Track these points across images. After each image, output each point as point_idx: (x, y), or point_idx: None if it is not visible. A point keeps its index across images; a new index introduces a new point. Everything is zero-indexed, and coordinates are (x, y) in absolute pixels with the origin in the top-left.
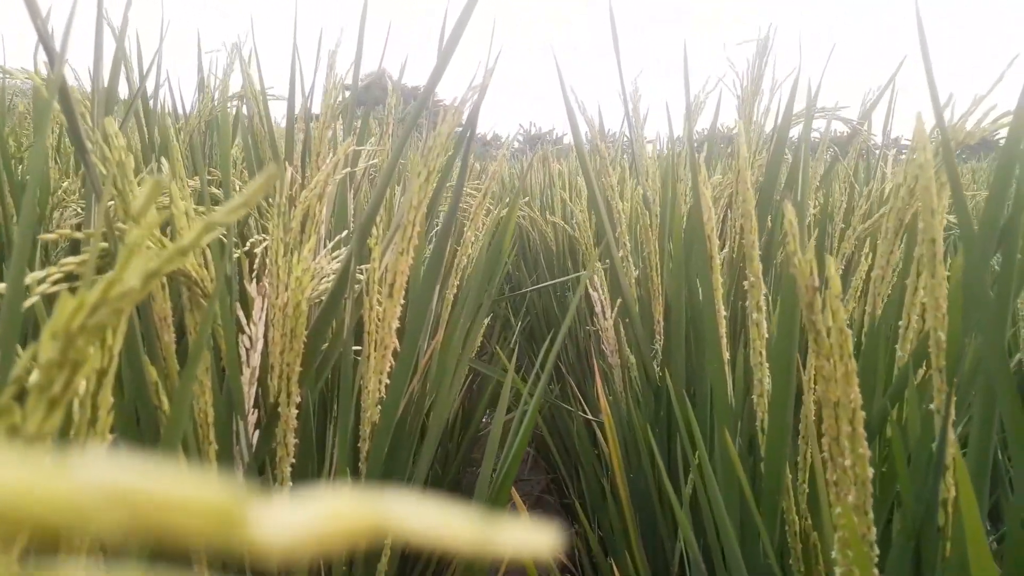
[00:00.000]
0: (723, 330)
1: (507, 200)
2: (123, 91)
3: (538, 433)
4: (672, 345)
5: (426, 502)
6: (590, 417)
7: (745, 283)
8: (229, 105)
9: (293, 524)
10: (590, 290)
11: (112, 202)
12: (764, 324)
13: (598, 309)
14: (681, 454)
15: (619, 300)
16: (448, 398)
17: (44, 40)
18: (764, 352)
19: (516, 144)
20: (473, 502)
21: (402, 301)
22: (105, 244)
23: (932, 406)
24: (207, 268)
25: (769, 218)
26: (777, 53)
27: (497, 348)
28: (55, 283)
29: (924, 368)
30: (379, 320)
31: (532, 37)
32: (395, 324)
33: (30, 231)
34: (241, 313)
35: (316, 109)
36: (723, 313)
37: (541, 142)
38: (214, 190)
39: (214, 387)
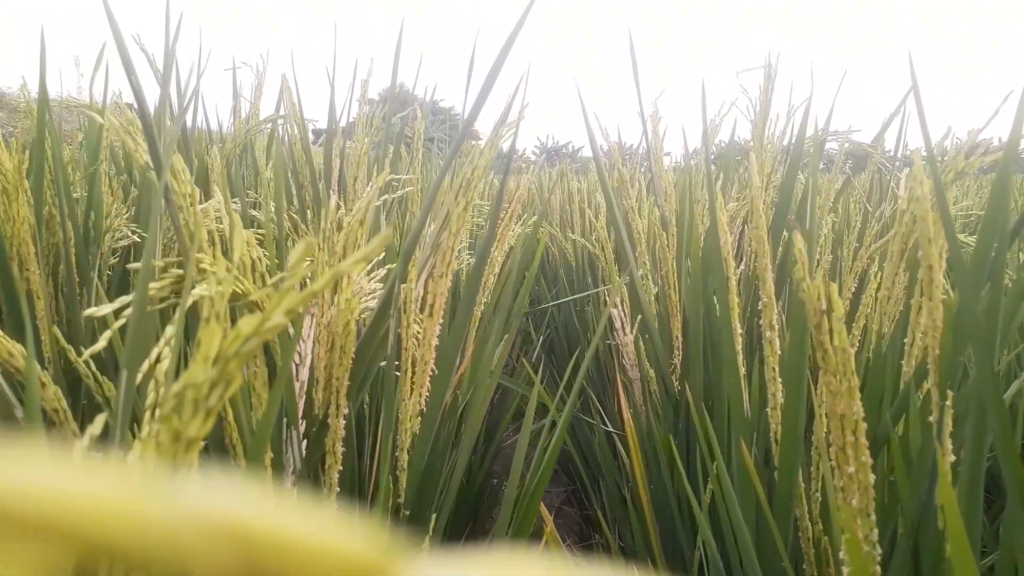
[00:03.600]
0: (739, 347)
1: (529, 216)
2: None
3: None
4: (691, 359)
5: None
6: (611, 430)
7: (759, 304)
8: (262, 127)
9: None
10: (610, 307)
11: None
12: (777, 342)
13: (618, 325)
14: (700, 464)
15: (639, 316)
16: (480, 411)
17: (140, 100)
18: (777, 368)
19: (533, 156)
20: (500, 515)
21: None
22: (180, 272)
23: (932, 418)
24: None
25: (784, 234)
26: (791, 78)
27: (523, 360)
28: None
29: (927, 385)
30: (419, 338)
31: (551, 49)
32: (435, 341)
33: (148, 261)
34: (291, 328)
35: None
36: (739, 331)
37: (559, 155)
38: (253, 212)
39: (270, 399)
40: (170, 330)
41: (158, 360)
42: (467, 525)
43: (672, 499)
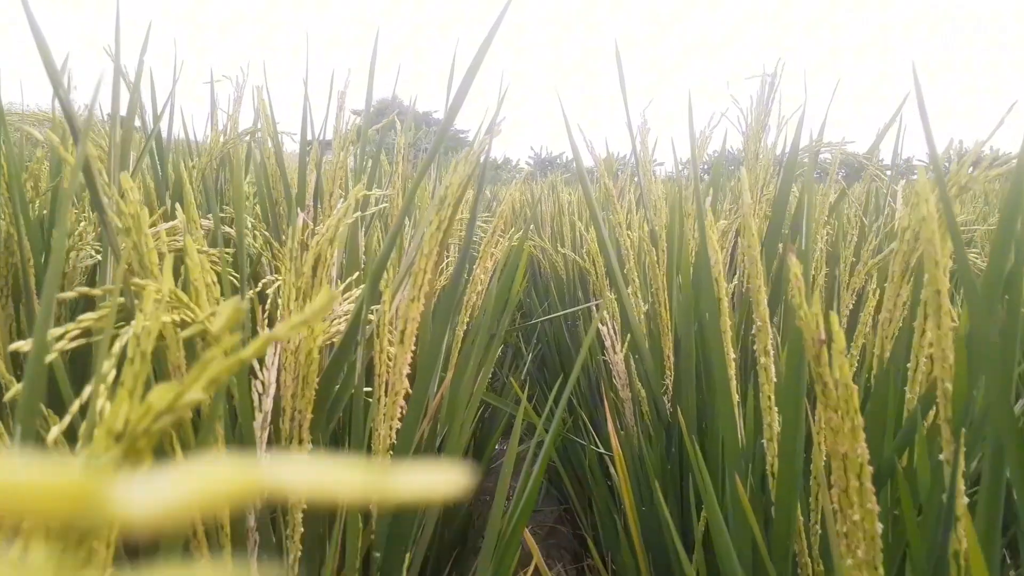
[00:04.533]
0: (732, 372)
1: (517, 228)
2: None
3: (550, 464)
4: (682, 381)
5: (311, 461)
6: (602, 451)
7: (753, 327)
8: (240, 140)
9: (159, 495)
10: (600, 324)
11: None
12: (772, 368)
13: (608, 343)
14: (694, 488)
15: (629, 334)
16: (459, 441)
17: (69, 115)
18: (773, 397)
19: (526, 167)
20: (484, 545)
21: (413, 347)
22: (122, 300)
23: (942, 456)
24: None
25: (780, 249)
26: (783, 87)
27: (510, 379)
28: (73, 339)
29: (933, 413)
30: (390, 364)
31: (544, 59)
32: (406, 369)
33: (55, 288)
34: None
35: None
36: (732, 356)
37: (552, 165)
38: (227, 229)
39: (227, 433)
40: (106, 366)
41: (90, 399)
42: (454, 549)
43: (664, 526)
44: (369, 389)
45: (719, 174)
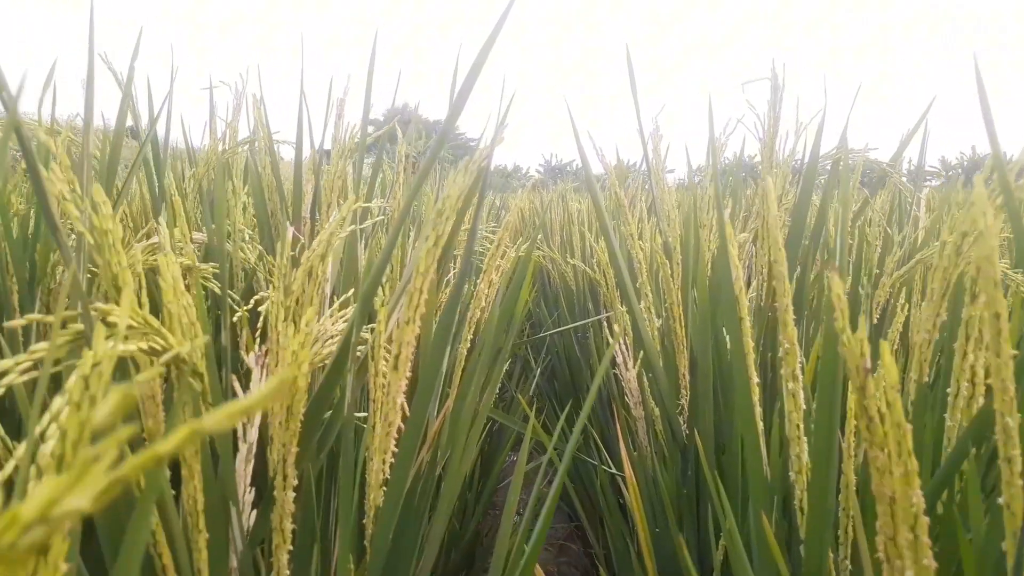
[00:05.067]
0: (756, 397)
1: (526, 238)
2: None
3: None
4: (699, 401)
5: None
6: (614, 472)
7: (780, 350)
8: (240, 149)
9: None
10: (610, 340)
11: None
12: (801, 395)
13: (619, 360)
14: (712, 515)
15: (642, 351)
16: (460, 469)
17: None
18: (801, 426)
19: (537, 174)
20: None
21: (408, 373)
22: (81, 327)
23: (1001, 500)
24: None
25: (800, 253)
26: (800, 93)
27: (518, 395)
28: (25, 371)
29: (981, 446)
30: (384, 392)
31: (544, 59)
32: (400, 398)
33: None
34: (238, 384)
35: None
36: (755, 380)
37: (562, 173)
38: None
39: (204, 469)
40: (57, 403)
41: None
42: (460, 573)
43: (680, 554)
44: (366, 414)
45: (737, 183)
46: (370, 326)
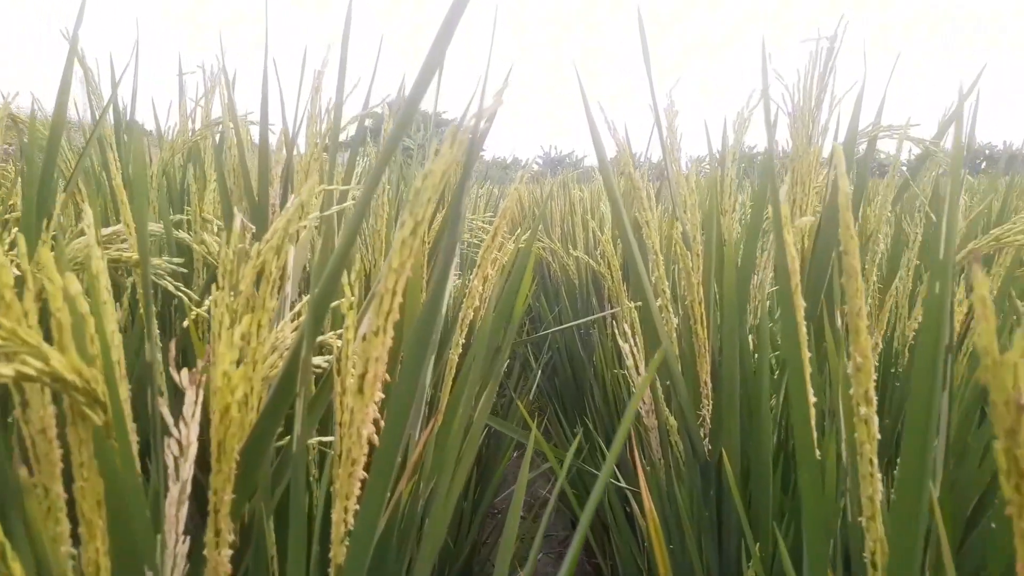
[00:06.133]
0: (812, 422)
1: (525, 228)
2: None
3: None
4: (724, 414)
5: None
6: (624, 486)
7: (848, 365)
8: (213, 131)
9: None
10: (619, 340)
11: None
12: (875, 422)
13: (629, 363)
14: (741, 540)
15: (654, 351)
16: (447, 506)
17: None
18: (875, 460)
19: (536, 166)
20: None
21: (380, 395)
22: None
23: None
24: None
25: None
26: (836, 64)
27: (517, 401)
28: None
29: None
30: (347, 423)
31: (544, 59)
32: (367, 429)
33: None
34: (165, 410)
35: (302, 139)
36: (813, 400)
37: (562, 165)
38: (183, 235)
39: (114, 524)
40: None
41: None
42: None
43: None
44: (331, 439)
45: (770, 166)
46: (337, 332)
